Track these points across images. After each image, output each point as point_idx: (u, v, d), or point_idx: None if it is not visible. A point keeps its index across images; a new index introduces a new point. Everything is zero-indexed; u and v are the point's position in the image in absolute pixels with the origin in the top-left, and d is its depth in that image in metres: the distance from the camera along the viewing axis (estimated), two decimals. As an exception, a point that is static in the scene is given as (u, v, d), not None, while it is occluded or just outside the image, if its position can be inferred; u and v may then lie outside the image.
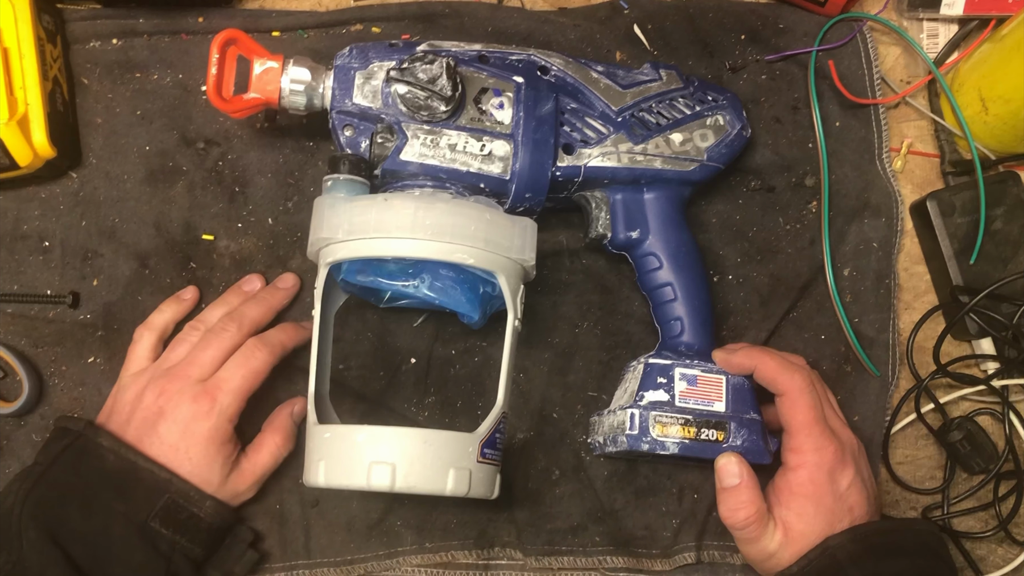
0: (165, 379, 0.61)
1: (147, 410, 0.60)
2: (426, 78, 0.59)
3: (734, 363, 0.62)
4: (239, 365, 0.61)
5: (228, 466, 0.60)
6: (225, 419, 0.60)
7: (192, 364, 0.61)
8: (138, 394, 0.61)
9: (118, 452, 0.58)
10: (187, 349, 0.63)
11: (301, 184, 0.70)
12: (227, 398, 0.60)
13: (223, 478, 0.60)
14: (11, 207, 0.69)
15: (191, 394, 0.59)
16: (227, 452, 0.60)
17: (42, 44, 0.66)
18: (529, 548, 0.66)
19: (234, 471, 0.61)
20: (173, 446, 0.59)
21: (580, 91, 0.64)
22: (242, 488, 0.62)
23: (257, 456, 0.63)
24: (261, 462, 0.63)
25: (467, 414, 0.68)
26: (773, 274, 0.71)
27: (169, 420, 0.59)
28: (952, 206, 0.70)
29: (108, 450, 0.58)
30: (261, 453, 0.63)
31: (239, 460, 0.62)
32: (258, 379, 0.61)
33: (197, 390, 0.60)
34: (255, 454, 0.63)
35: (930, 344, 0.69)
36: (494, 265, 0.59)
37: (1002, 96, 0.68)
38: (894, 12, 0.75)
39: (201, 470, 0.59)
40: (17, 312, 0.68)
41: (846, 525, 0.58)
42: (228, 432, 0.60)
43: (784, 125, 0.72)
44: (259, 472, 0.63)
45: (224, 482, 0.60)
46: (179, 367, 0.61)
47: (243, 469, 0.62)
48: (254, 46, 0.61)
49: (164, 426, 0.59)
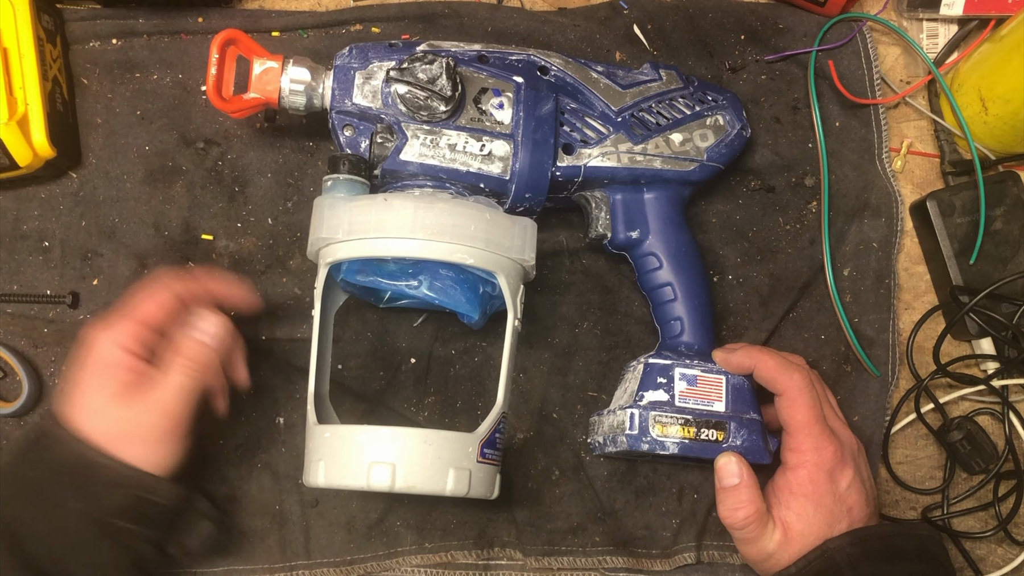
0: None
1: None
2: (426, 78, 0.59)
3: (734, 362, 0.62)
4: (142, 290, 0.57)
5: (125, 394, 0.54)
6: (113, 343, 0.54)
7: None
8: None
9: (69, 443, 0.54)
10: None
11: (301, 184, 0.70)
12: (116, 318, 0.55)
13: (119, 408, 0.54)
14: (11, 207, 0.69)
15: (93, 328, 0.55)
16: (120, 380, 0.54)
17: (42, 44, 0.66)
18: (529, 548, 0.66)
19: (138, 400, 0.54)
20: (74, 389, 0.55)
21: (580, 91, 0.64)
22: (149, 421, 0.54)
23: (164, 378, 0.55)
24: (167, 383, 0.55)
25: (467, 414, 0.68)
26: (773, 274, 0.71)
27: (75, 364, 0.55)
28: (952, 206, 0.70)
29: (58, 440, 0.54)
30: (168, 375, 0.55)
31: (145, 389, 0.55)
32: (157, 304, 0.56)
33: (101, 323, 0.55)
34: (162, 376, 0.55)
35: (930, 344, 0.69)
36: (494, 265, 0.59)
37: (1002, 96, 0.68)
38: (894, 12, 0.75)
39: (89, 400, 0.54)
40: (17, 312, 0.68)
41: (845, 525, 0.58)
42: (118, 358, 0.54)
43: (784, 125, 0.72)
44: (167, 398, 0.55)
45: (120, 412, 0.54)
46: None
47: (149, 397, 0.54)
48: (254, 46, 0.61)
49: (73, 371, 0.55)
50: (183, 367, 0.56)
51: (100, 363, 0.55)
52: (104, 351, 0.55)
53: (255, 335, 0.68)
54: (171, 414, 0.55)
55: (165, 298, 0.57)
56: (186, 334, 0.57)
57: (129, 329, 0.55)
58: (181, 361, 0.56)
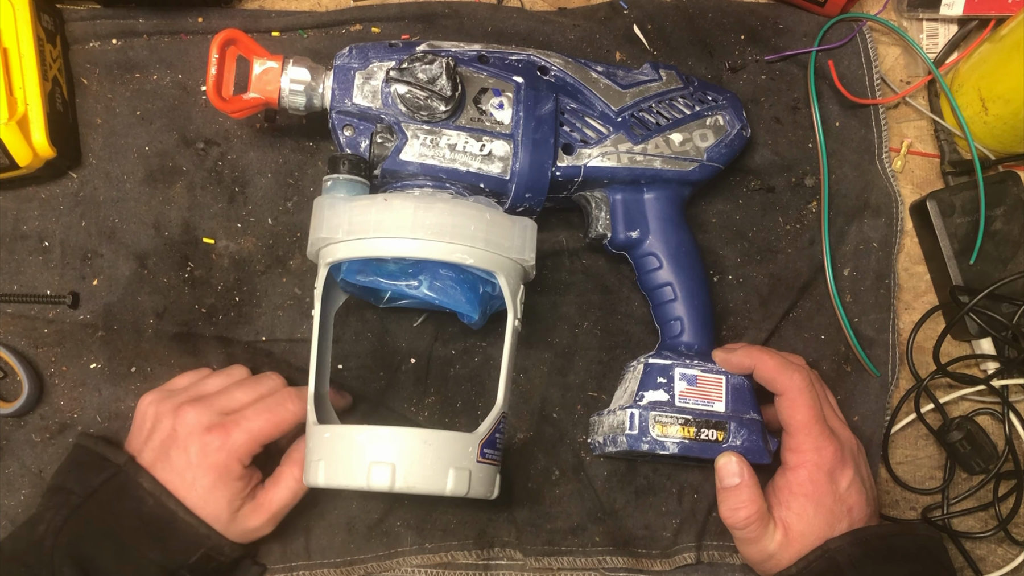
0: (188, 404, 0.59)
1: (163, 431, 0.59)
2: (426, 78, 0.59)
3: (734, 362, 0.62)
4: (266, 408, 0.60)
5: (238, 502, 0.59)
6: (235, 458, 0.58)
7: (222, 396, 0.60)
8: (157, 415, 0.60)
9: (158, 498, 0.57)
10: (223, 382, 0.62)
11: (301, 184, 0.70)
12: (241, 437, 0.58)
13: (231, 514, 0.58)
14: (11, 207, 0.69)
15: (206, 424, 0.58)
16: (236, 489, 0.58)
17: (42, 44, 0.66)
18: (529, 548, 0.66)
19: (248, 505, 0.59)
20: (180, 473, 0.57)
21: (580, 91, 0.64)
22: (257, 523, 0.60)
23: (275, 490, 0.61)
24: (279, 497, 0.60)
25: (467, 414, 0.68)
26: (773, 274, 0.71)
27: (180, 447, 0.58)
28: (952, 206, 0.70)
29: (148, 493, 0.57)
30: (279, 487, 0.61)
31: (256, 494, 0.60)
32: (280, 429, 0.60)
33: (214, 422, 0.58)
34: (273, 488, 0.61)
35: (930, 344, 0.69)
36: (494, 265, 0.59)
37: (1002, 96, 0.68)
38: (894, 12, 0.75)
39: (207, 504, 0.57)
40: (17, 312, 0.68)
41: (845, 525, 0.58)
42: (237, 471, 0.58)
43: (784, 125, 0.72)
44: (276, 507, 0.60)
45: (233, 517, 0.58)
46: (208, 397, 0.60)
47: (260, 503, 0.60)
48: (254, 46, 0.61)
49: (175, 451, 0.58)
50: (297, 481, 0.61)
51: (216, 469, 0.58)
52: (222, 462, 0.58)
53: (255, 336, 0.68)
54: (277, 520, 0.62)
55: (288, 425, 0.60)
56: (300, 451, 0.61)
57: (250, 448, 0.59)
58: (296, 475, 0.61)
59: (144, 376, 0.67)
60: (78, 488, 0.57)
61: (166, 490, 0.57)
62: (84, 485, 0.57)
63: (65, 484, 0.58)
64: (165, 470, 0.58)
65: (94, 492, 0.57)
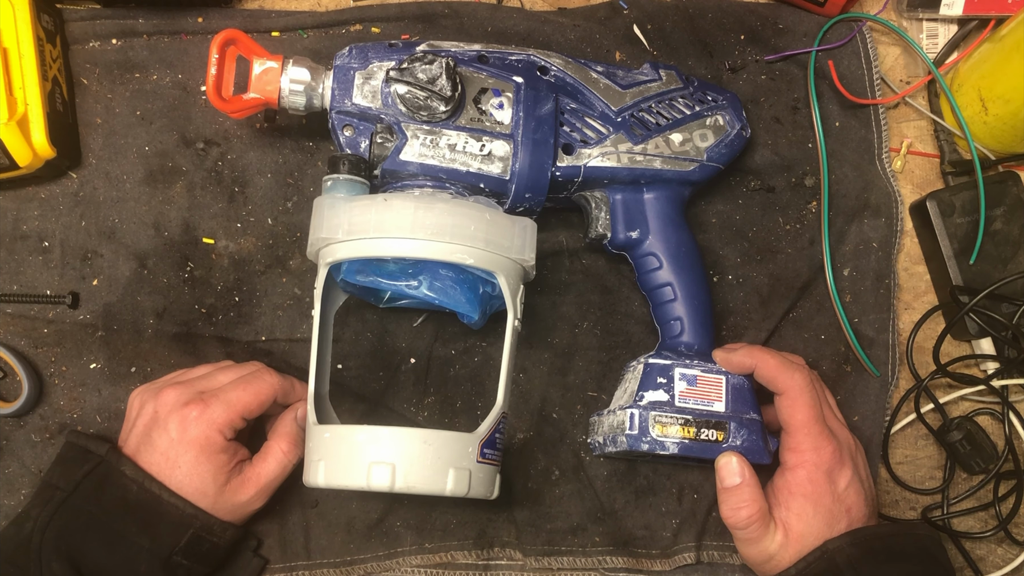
0: (170, 387, 0.60)
1: (146, 416, 0.59)
2: (426, 78, 0.59)
3: (734, 362, 0.62)
4: (243, 381, 0.60)
5: (223, 476, 0.59)
6: (215, 429, 0.58)
7: (204, 378, 0.61)
8: (142, 402, 0.60)
9: (141, 484, 0.57)
10: (207, 370, 0.63)
11: (301, 184, 0.70)
12: (219, 407, 0.58)
13: (218, 488, 0.58)
14: (11, 207, 0.69)
15: (184, 400, 0.58)
16: (220, 462, 0.58)
17: (41, 44, 0.66)
18: (529, 548, 0.66)
19: (236, 479, 0.60)
20: (164, 453, 0.58)
21: (580, 91, 0.64)
22: (247, 496, 0.60)
23: (263, 463, 0.61)
24: (267, 470, 0.61)
25: (467, 414, 0.68)
26: (773, 274, 0.71)
27: (161, 426, 0.58)
28: (952, 206, 0.70)
29: (131, 480, 0.57)
30: (267, 461, 0.61)
31: (243, 469, 0.61)
32: (259, 399, 0.60)
33: (191, 397, 0.59)
34: (261, 462, 0.61)
35: (930, 344, 0.69)
36: (494, 265, 0.59)
37: (1002, 96, 0.68)
38: (894, 12, 0.75)
39: (192, 479, 0.58)
40: (17, 312, 0.68)
41: (844, 525, 0.59)
42: (219, 443, 0.58)
43: (784, 125, 0.72)
44: (264, 480, 0.61)
45: (220, 492, 0.59)
46: (190, 380, 0.61)
47: (247, 477, 0.60)
48: (254, 46, 0.61)
49: (156, 432, 0.58)
50: (284, 454, 0.61)
51: (198, 443, 0.58)
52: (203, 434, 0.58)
53: (255, 336, 0.68)
54: (267, 493, 0.62)
55: (267, 396, 0.61)
56: (285, 424, 0.63)
57: (230, 418, 0.59)
58: (283, 447, 0.61)
59: (144, 376, 0.67)
60: (63, 483, 0.58)
61: (148, 475, 0.57)
62: (68, 479, 0.58)
63: (51, 480, 0.58)
64: (148, 453, 0.58)
65: (78, 485, 0.57)
